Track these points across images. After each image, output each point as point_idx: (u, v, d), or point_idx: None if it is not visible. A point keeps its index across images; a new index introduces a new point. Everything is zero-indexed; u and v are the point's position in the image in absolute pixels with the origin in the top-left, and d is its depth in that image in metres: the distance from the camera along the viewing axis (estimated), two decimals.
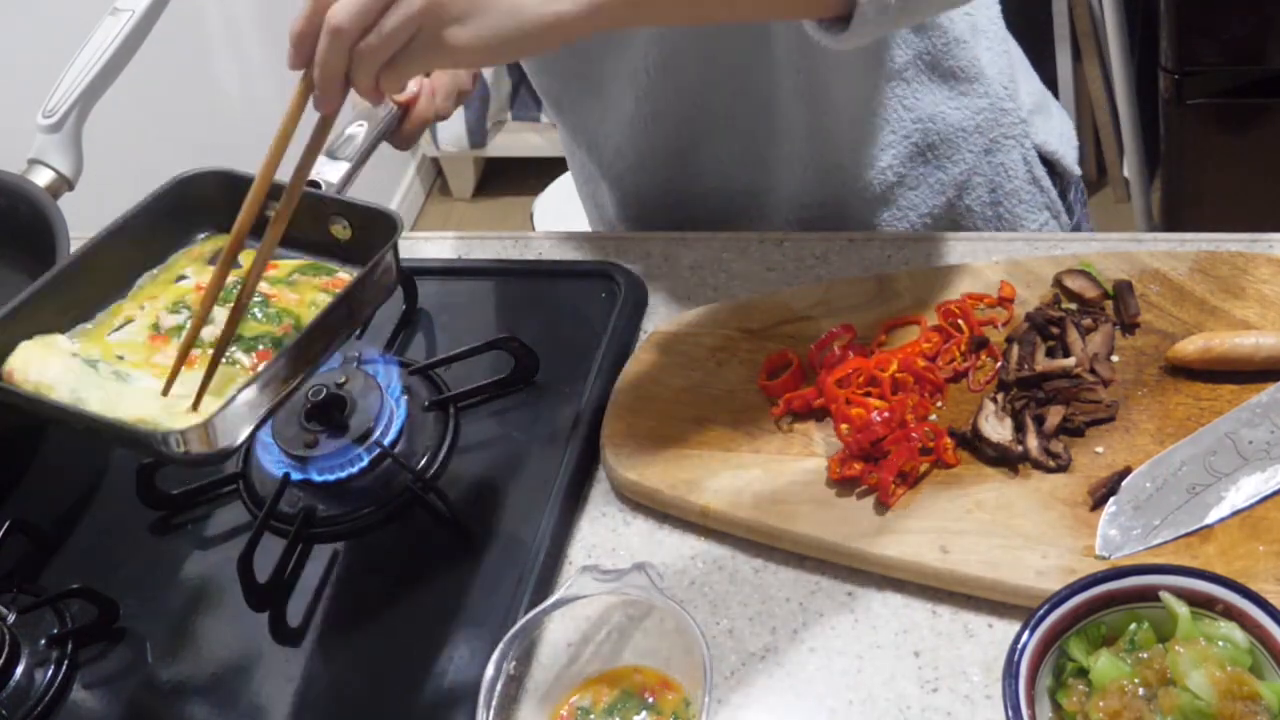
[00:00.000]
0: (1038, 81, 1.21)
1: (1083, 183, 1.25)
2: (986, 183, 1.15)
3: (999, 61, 1.13)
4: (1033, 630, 0.69)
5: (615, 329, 1.04)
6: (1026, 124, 1.16)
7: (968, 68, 1.11)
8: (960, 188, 1.14)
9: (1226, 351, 0.88)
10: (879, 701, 0.78)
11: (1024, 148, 1.16)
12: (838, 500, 0.87)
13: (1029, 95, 1.17)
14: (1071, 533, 0.81)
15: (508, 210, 3.04)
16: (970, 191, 1.15)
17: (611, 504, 0.93)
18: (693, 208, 1.17)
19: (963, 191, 1.15)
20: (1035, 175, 1.17)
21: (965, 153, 1.13)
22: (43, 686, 0.89)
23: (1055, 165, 1.19)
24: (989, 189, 1.15)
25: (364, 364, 1.01)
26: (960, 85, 1.11)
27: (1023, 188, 1.16)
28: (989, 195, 1.16)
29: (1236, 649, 0.67)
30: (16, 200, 1.11)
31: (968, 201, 1.15)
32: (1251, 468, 0.82)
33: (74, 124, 1.14)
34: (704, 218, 1.17)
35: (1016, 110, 1.15)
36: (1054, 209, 1.19)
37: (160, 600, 0.94)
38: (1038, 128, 1.17)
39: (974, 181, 1.15)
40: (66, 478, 1.06)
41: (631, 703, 0.76)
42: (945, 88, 1.11)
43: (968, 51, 1.10)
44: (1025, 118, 1.15)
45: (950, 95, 1.11)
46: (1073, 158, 1.21)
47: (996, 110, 1.13)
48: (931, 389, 0.92)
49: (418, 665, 0.86)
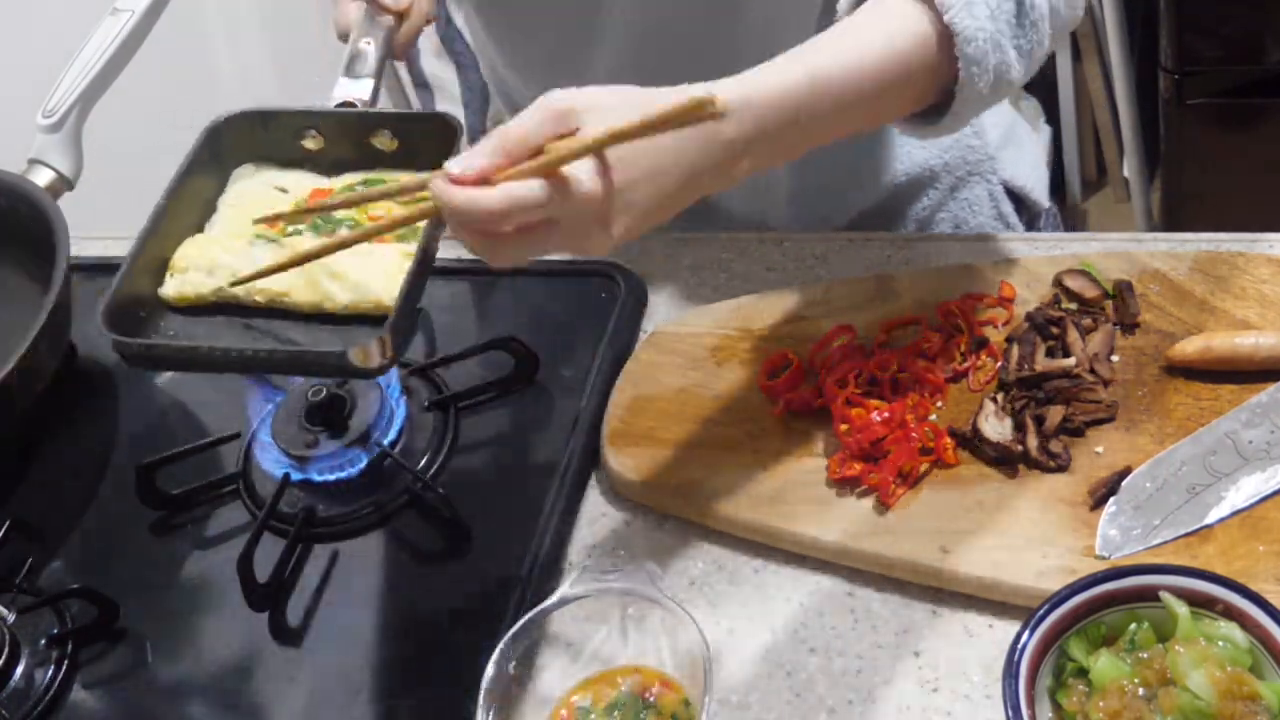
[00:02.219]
0: (1008, 111, 1.21)
1: (1057, 212, 1.26)
2: (950, 219, 1.16)
3: None
4: (1033, 630, 0.69)
5: (615, 329, 1.04)
6: (994, 160, 1.16)
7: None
8: (922, 223, 1.15)
9: (1226, 351, 0.87)
10: (879, 701, 0.78)
11: (990, 184, 1.16)
12: (838, 500, 0.87)
13: (995, 128, 1.17)
14: (1071, 533, 0.81)
15: None
16: (933, 227, 1.16)
17: (611, 504, 0.93)
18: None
19: (925, 226, 1.16)
20: (1001, 211, 1.18)
21: (930, 190, 1.14)
22: (43, 686, 0.89)
23: (1024, 199, 1.20)
24: (952, 225, 1.16)
25: None
26: None
27: (987, 223, 1.17)
28: (951, 230, 1.16)
29: (1236, 649, 0.67)
30: (16, 200, 1.11)
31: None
32: (1251, 468, 0.82)
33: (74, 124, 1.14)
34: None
35: (983, 147, 1.15)
36: None
37: (160, 600, 0.94)
38: (1006, 162, 1.17)
39: (937, 218, 1.16)
40: (66, 478, 1.06)
41: (631, 703, 0.76)
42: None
43: None
44: (993, 154, 1.16)
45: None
46: (1042, 189, 1.21)
47: (962, 148, 1.14)
48: (931, 389, 0.92)
49: (418, 665, 0.86)
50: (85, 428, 1.11)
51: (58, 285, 1.02)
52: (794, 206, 1.13)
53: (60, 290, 1.01)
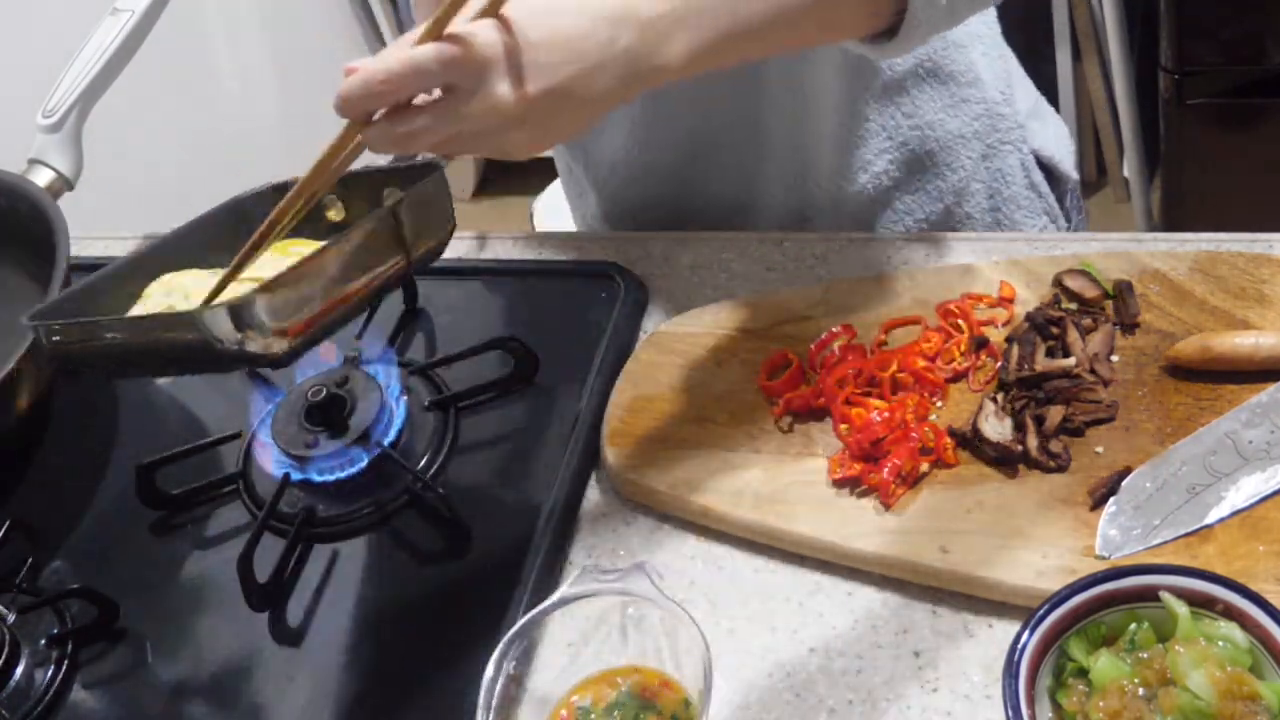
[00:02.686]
0: (1033, 87, 1.21)
1: (1079, 186, 1.26)
2: (985, 189, 1.15)
3: (995, 67, 1.13)
4: (1033, 630, 0.69)
5: (615, 329, 1.04)
6: (1024, 129, 1.15)
7: (964, 72, 1.10)
8: (959, 194, 1.14)
9: (1226, 351, 0.87)
10: (879, 701, 0.78)
11: (1021, 153, 1.16)
12: (838, 500, 0.87)
13: (1025, 100, 1.17)
14: (1071, 533, 0.81)
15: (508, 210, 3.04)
16: (969, 198, 1.15)
17: (611, 504, 0.93)
18: (683, 221, 1.17)
19: (961, 198, 1.15)
20: (1033, 180, 1.17)
21: (964, 159, 1.13)
22: (43, 686, 0.89)
23: (1053, 170, 1.19)
24: (987, 195, 1.15)
25: (364, 364, 1.01)
26: (957, 90, 1.11)
27: (1021, 193, 1.16)
28: (988, 201, 1.15)
29: (1236, 649, 0.67)
30: (16, 200, 1.11)
31: (966, 209, 1.15)
32: (1251, 468, 0.82)
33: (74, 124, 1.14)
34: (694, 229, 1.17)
35: (1014, 115, 1.14)
36: (1052, 214, 1.19)
37: (160, 600, 0.94)
38: (1035, 133, 1.17)
39: (972, 188, 1.15)
40: (66, 478, 1.06)
41: (631, 703, 0.76)
42: (943, 93, 1.11)
43: (964, 56, 1.10)
44: (1022, 123, 1.15)
45: (948, 102, 1.11)
46: (1070, 162, 1.21)
47: (994, 116, 1.13)
48: (931, 389, 0.92)
49: (418, 665, 0.86)
50: (85, 428, 1.11)
51: (58, 285, 1.02)
52: (832, 182, 1.12)
53: (60, 290, 1.02)
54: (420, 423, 1.00)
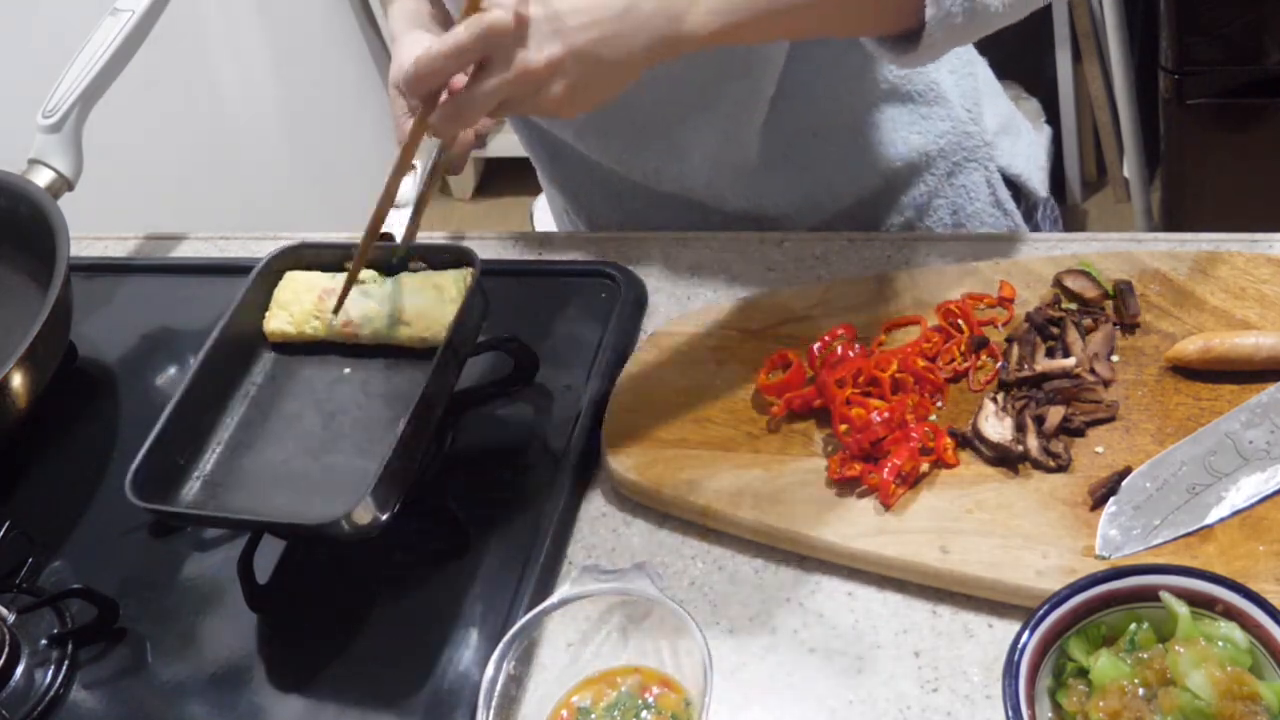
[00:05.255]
0: (1006, 102, 1.21)
1: (1053, 201, 1.25)
2: (948, 205, 1.16)
3: (963, 84, 1.14)
4: (1033, 630, 0.69)
5: (615, 329, 1.04)
6: (991, 146, 1.16)
7: (927, 91, 1.11)
8: (920, 210, 1.15)
9: (1226, 351, 0.87)
10: (879, 701, 0.78)
11: (988, 170, 1.16)
12: (838, 500, 0.87)
13: (994, 117, 1.17)
14: (1071, 533, 0.81)
15: (507, 210, 3.04)
16: (931, 214, 1.16)
17: (611, 504, 0.93)
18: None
19: (923, 213, 1.15)
20: (999, 198, 1.17)
21: (927, 176, 1.14)
22: (43, 686, 0.89)
23: (1021, 188, 1.19)
24: (950, 211, 1.16)
25: None
26: (921, 109, 1.11)
27: (985, 210, 1.17)
28: (950, 217, 1.16)
29: (1236, 649, 0.67)
30: (16, 200, 1.11)
31: (928, 223, 1.16)
32: (1251, 468, 0.82)
33: (74, 124, 1.14)
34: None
35: (980, 133, 1.15)
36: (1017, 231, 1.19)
37: (160, 600, 0.94)
38: (1003, 150, 1.17)
39: (935, 204, 1.15)
40: (66, 478, 1.06)
41: (631, 703, 0.76)
42: (906, 112, 1.11)
43: (926, 76, 1.10)
44: (990, 140, 1.16)
45: (911, 119, 1.11)
46: (1040, 179, 1.21)
47: (959, 134, 1.14)
48: (931, 389, 0.92)
49: (418, 665, 0.86)
50: (85, 428, 1.11)
51: (58, 285, 1.02)
52: (791, 194, 1.13)
53: (60, 290, 1.02)
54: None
